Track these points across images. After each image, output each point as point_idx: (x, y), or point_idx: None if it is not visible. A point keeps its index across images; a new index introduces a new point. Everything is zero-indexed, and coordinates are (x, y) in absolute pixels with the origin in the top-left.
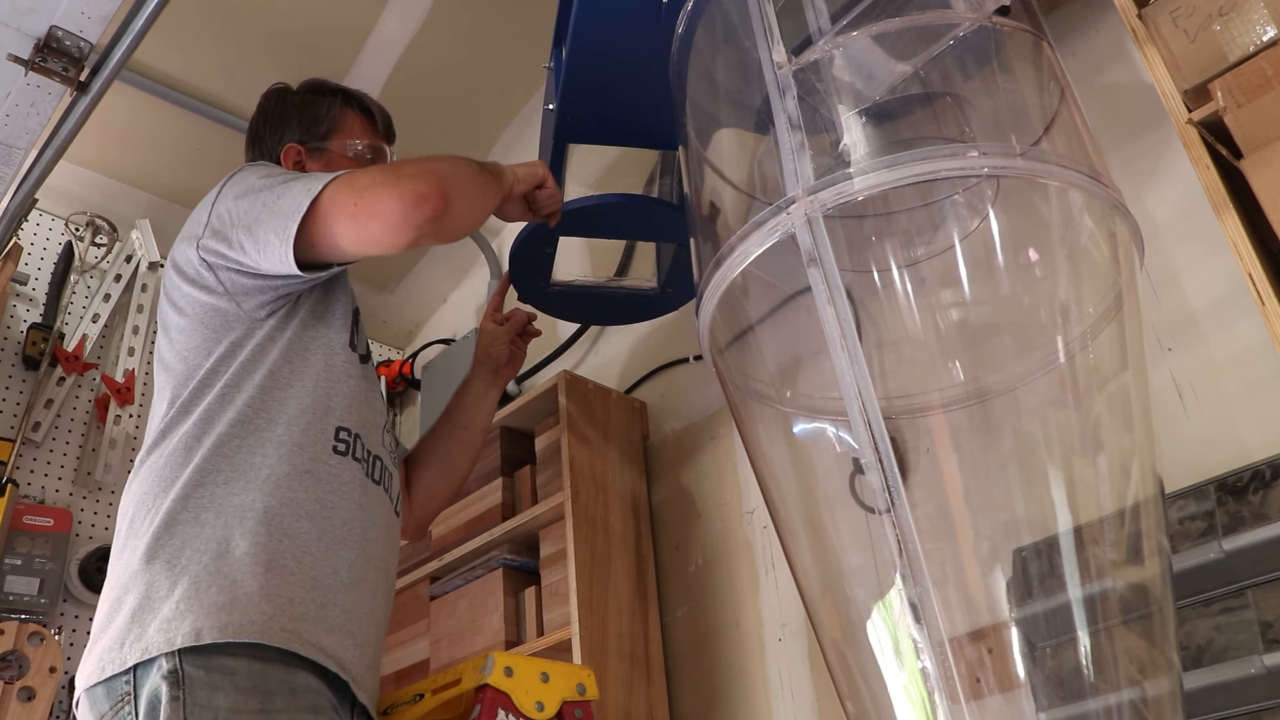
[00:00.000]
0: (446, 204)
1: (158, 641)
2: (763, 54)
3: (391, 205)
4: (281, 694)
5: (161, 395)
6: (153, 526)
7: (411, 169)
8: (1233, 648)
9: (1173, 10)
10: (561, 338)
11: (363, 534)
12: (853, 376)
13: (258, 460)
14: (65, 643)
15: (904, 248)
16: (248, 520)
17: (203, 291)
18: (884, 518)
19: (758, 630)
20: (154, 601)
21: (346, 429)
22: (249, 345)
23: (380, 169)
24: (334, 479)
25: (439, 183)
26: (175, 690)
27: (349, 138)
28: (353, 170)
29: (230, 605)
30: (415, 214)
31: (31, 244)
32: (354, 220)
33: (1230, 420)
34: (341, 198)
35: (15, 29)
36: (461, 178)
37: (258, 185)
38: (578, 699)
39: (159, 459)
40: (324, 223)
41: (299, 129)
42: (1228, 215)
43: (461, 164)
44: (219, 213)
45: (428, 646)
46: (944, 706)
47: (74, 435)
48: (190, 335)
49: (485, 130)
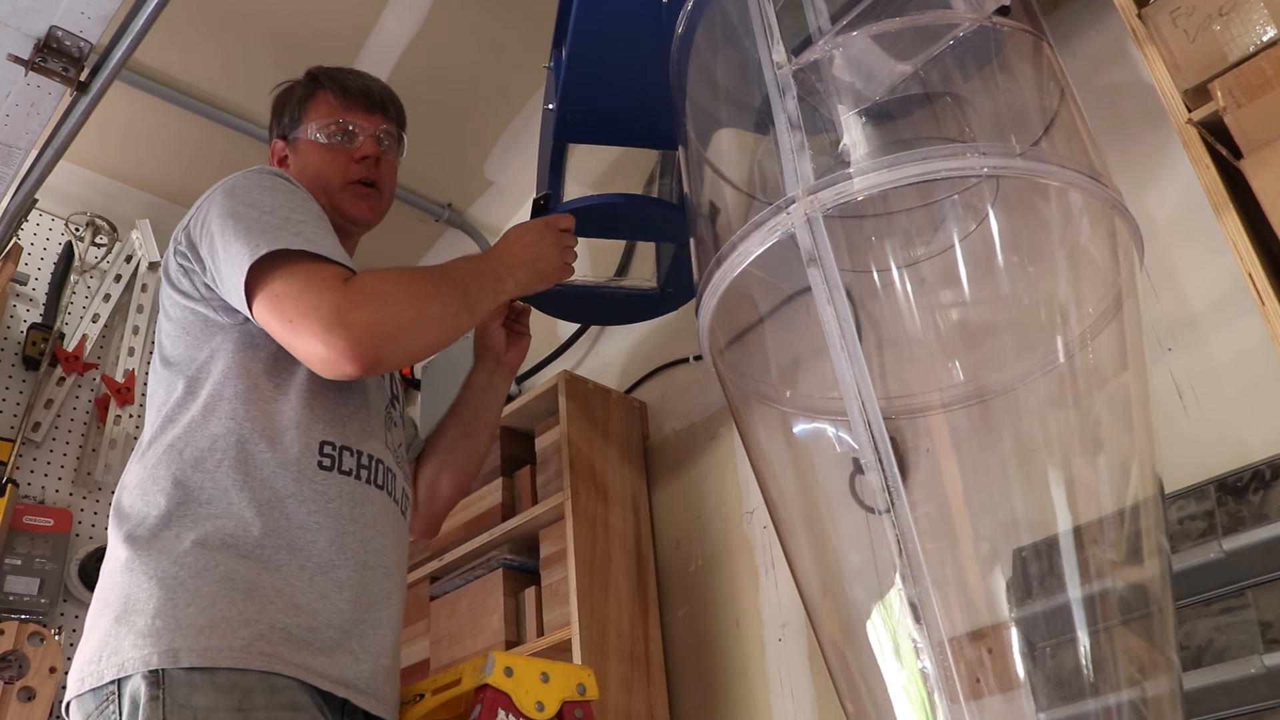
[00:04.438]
0: (374, 364)
1: (133, 659)
2: (763, 54)
3: (318, 348)
4: (260, 690)
5: (153, 398)
6: (135, 534)
7: (358, 317)
8: (1233, 648)
9: (1173, 10)
10: (561, 338)
11: (359, 548)
12: (853, 376)
13: (240, 478)
14: (65, 643)
15: (904, 248)
16: (228, 547)
17: (182, 296)
18: (884, 518)
19: (758, 630)
20: (131, 614)
21: (331, 442)
22: (232, 355)
23: (334, 294)
24: (319, 498)
25: (375, 343)
26: (154, 690)
27: (314, 120)
28: (319, 266)
29: (209, 629)
30: (338, 366)
31: (31, 244)
32: (284, 331)
33: (1230, 420)
34: (285, 307)
35: (15, 29)
36: (410, 331)
37: (236, 210)
38: (578, 699)
39: (146, 464)
40: (262, 305)
41: (279, 125)
42: (1228, 215)
43: (432, 305)
44: (199, 220)
45: (428, 646)
46: (944, 707)
47: (74, 435)
48: (176, 341)
49: (485, 130)
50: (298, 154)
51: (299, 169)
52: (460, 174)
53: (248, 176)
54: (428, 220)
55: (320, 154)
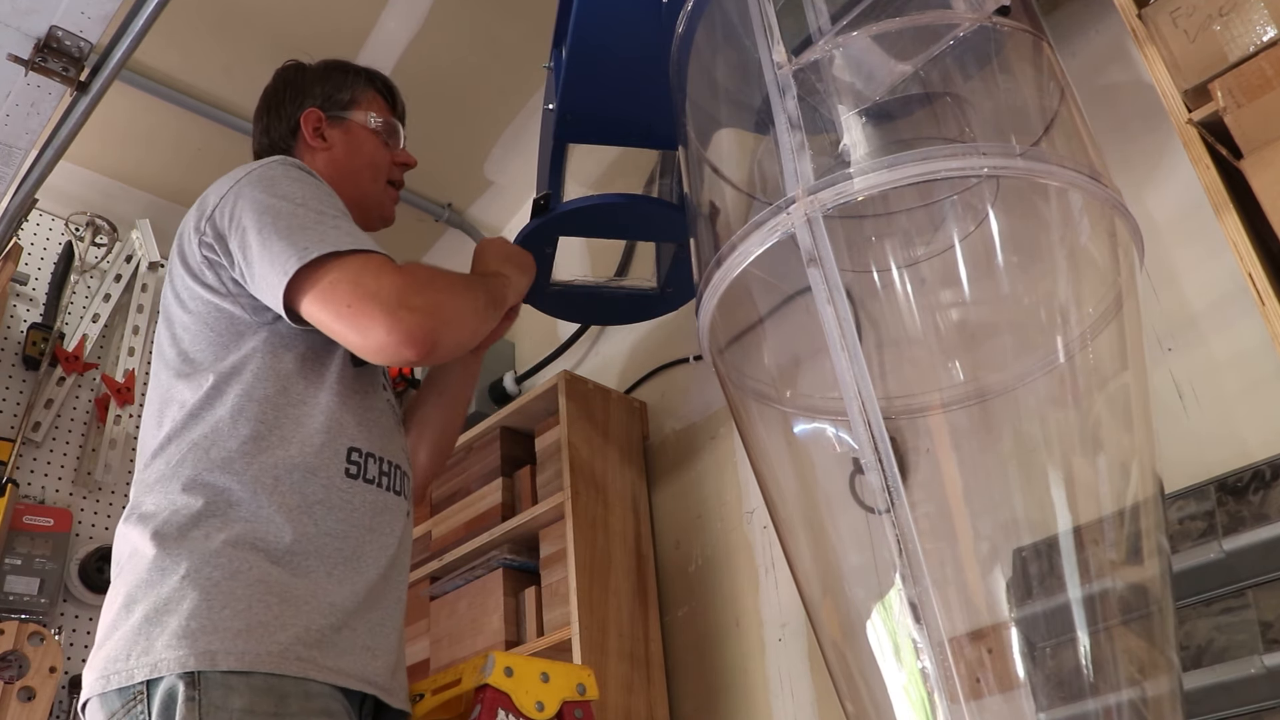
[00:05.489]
0: (432, 350)
1: (168, 660)
2: (763, 54)
3: (378, 333)
4: (295, 696)
5: (168, 393)
6: (162, 531)
7: (420, 300)
8: (1233, 648)
9: (1173, 10)
10: (561, 338)
11: (377, 555)
12: (853, 376)
13: (268, 482)
14: (65, 643)
15: (904, 248)
16: (258, 551)
17: (207, 290)
18: (884, 518)
19: (758, 630)
20: (163, 614)
21: (358, 449)
22: (263, 356)
23: (393, 276)
24: (345, 506)
25: (436, 327)
26: (190, 691)
27: (369, 109)
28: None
29: (246, 632)
30: (394, 351)
31: (31, 244)
32: (338, 319)
33: (1230, 420)
34: (340, 293)
35: (15, 29)
36: (462, 318)
37: (270, 204)
38: (578, 699)
39: (169, 460)
40: (311, 298)
41: (321, 96)
42: (1228, 215)
43: (473, 298)
44: (226, 212)
45: (428, 646)
46: (944, 706)
47: (74, 435)
48: (198, 337)
49: (485, 130)
50: (349, 134)
51: (348, 151)
52: (460, 174)
53: (273, 167)
54: (428, 220)
55: (375, 145)
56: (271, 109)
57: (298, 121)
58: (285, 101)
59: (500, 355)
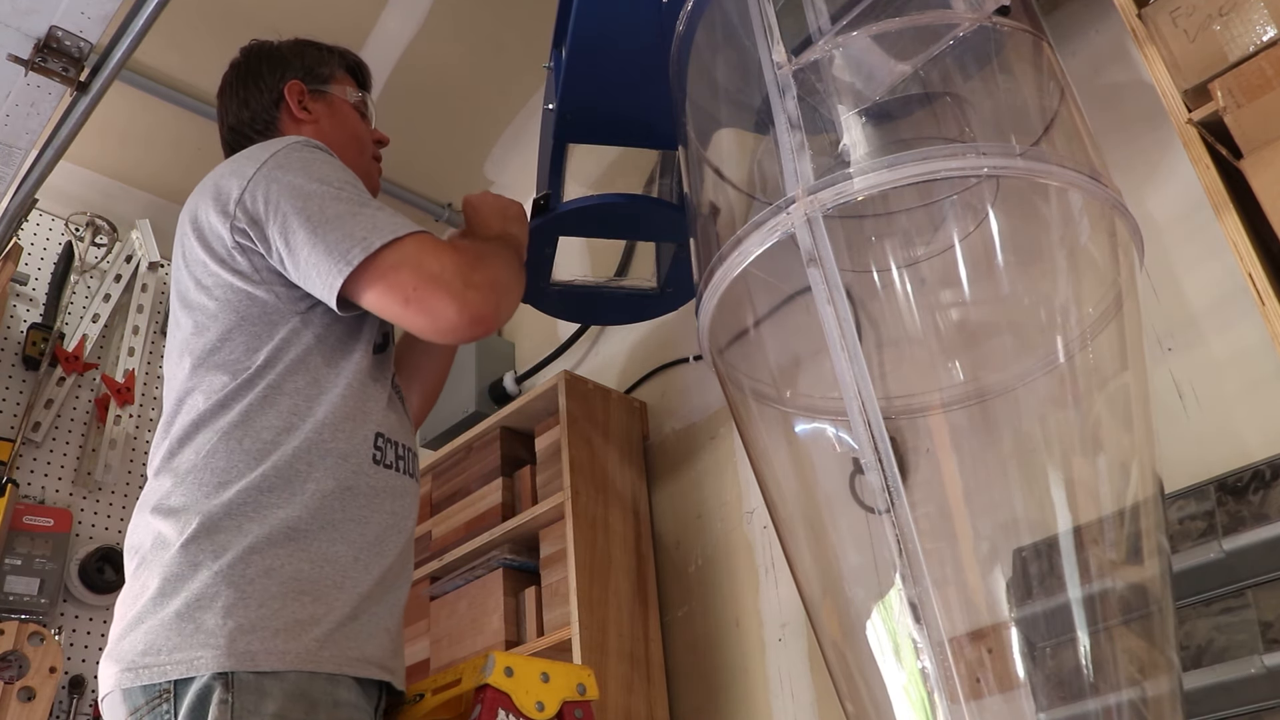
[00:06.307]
0: (495, 324)
1: (204, 659)
2: (763, 54)
3: (448, 315)
4: (325, 705)
5: (191, 380)
6: (192, 523)
7: (480, 277)
8: (1233, 648)
9: (1173, 10)
10: (561, 338)
11: (395, 541)
12: (853, 376)
13: (302, 469)
14: (65, 643)
15: (904, 248)
16: (292, 541)
17: (237, 276)
18: (884, 518)
19: (758, 630)
20: (196, 611)
21: (383, 434)
22: (295, 344)
23: (451, 256)
24: (371, 492)
25: (498, 304)
26: (225, 693)
27: (346, 85)
28: (424, 237)
29: (284, 631)
30: (466, 330)
31: (31, 244)
32: (405, 305)
33: (1230, 420)
34: (403, 279)
35: (15, 29)
36: (514, 288)
37: (309, 190)
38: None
39: (199, 451)
40: (372, 286)
41: (301, 68)
42: (1228, 215)
43: (517, 266)
44: (258, 196)
45: (428, 646)
46: (944, 706)
47: (74, 435)
48: (224, 323)
49: (485, 130)
50: (332, 108)
51: (334, 124)
52: (460, 174)
53: (299, 149)
54: (428, 220)
55: (356, 118)
56: (248, 81)
57: (281, 93)
58: (264, 74)
59: (500, 355)
